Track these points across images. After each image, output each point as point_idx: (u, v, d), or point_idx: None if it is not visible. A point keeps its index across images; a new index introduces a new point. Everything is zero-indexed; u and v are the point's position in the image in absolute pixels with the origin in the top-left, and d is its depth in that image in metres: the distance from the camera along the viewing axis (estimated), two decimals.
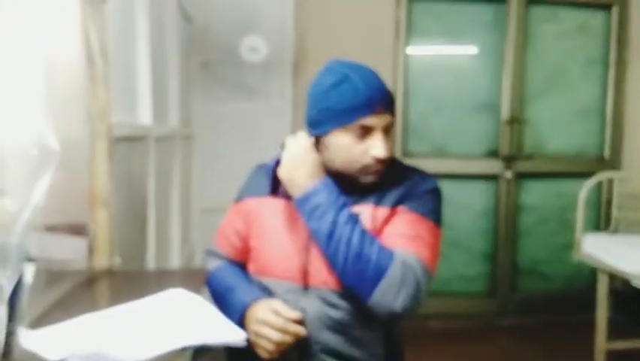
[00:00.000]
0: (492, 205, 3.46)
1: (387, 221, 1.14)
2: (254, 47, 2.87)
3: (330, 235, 1.06)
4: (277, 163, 1.16)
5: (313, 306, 1.14)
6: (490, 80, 3.39)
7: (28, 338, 0.91)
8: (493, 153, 3.41)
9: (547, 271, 3.54)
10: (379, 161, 1.11)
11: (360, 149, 1.11)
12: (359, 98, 1.08)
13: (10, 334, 0.84)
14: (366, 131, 1.10)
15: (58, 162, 0.83)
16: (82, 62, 1.22)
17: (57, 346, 0.89)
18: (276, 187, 1.18)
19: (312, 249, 1.14)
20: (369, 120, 1.09)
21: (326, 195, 1.09)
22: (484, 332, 3.28)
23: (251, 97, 3.08)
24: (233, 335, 1.02)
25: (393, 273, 1.03)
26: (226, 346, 1.08)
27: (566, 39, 3.44)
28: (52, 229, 1.17)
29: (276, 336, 1.08)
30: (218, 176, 3.05)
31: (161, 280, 1.50)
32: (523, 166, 3.40)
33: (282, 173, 1.13)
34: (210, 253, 1.34)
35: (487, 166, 3.40)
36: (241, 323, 1.12)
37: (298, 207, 1.11)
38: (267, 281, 1.19)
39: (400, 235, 1.10)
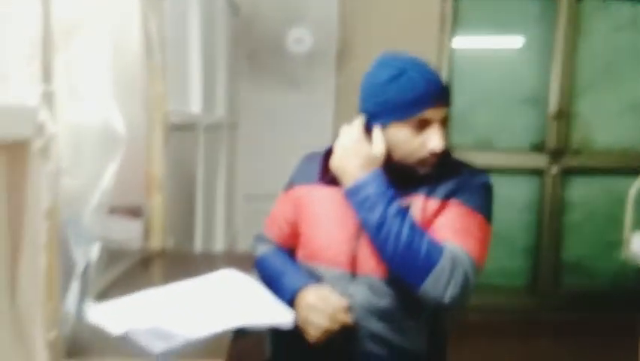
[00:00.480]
0: (536, 200, 3.40)
1: (437, 213, 1.15)
2: (299, 39, 2.91)
3: (380, 226, 1.08)
4: (328, 152, 1.19)
5: (361, 293, 1.16)
6: (537, 73, 3.32)
7: (93, 312, 0.98)
8: (539, 147, 3.34)
9: (593, 269, 3.46)
10: (435, 153, 1.12)
11: (417, 141, 1.12)
12: (418, 92, 1.09)
13: (79, 307, 0.91)
14: (424, 124, 1.11)
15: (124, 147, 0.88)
16: (142, 53, 1.28)
17: (119, 319, 0.96)
18: (326, 175, 1.20)
19: (362, 237, 1.16)
20: (428, 114, 1.10)
21: (376, 186, 1.10)
22: (523, 327, 3.24)
23: (295, 88, 3.12)
24: (282, 317, 1.06)
25: (442, 266, 1.05)
26: (272, 328, 1.13)
27: (617, 32, 3.33)
28: (112, 210, 1.24)
29: (325, 323, 1.11)
30: (260, 164, 3.11)
31: (210, 262, 1.55)
32: (570, 161, 3.33)
33: (334, 162, 1.16)
34: (259, 238, 1.38)
35: (533, 160, 3.34)
36: (290, 307, 1.16)
37: (348, 197, 1.13)
38: (316, 267, 1.22)
39: (450, 228, 1.11)
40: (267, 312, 1.06)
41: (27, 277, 0.73)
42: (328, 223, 1.21)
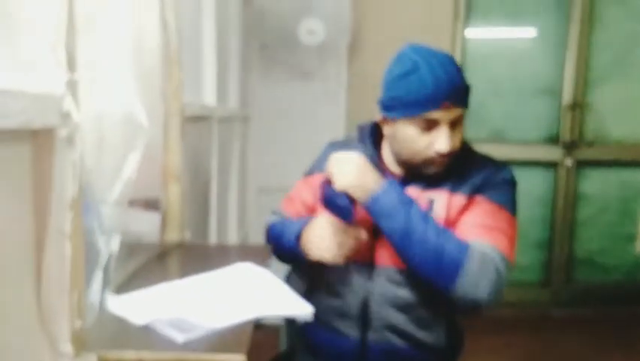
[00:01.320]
0: (550, 193, 3.37)
1: (463, 210, 1.14)
2: (311, 30, 2.89)
3: (405, 233, 1.05)
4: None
5: (379, 284, 1.16)
6: (551, 64, 3.28)
7: (115, 303, 0.98)
8: (553, 140, 3.31)
9: (606, 263, 3.43)
10: (443, 155, 1.10)
11: (424, 141, 1.10)
12: (425, 92, 1.06)
13: (101, 298, 0.91)
14: (431, 125, 1.08)
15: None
16: (160, 43, 1.27)
17: (141, 311, 0.95)
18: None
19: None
20: (435, 114, 1.07)
21: (396, 194, 1.08)
22: (536, 321, 3.23)
23: (307, 79, 3.11)
24: (301, 309, 1.05)
25: (471, 265, 1.03)
26: (290, 319, 1.12)
27: (633, 22, 3.28)
28: (130, 202, 1.23)
29: (338, 237, 1.10)
30: (273, 157, 3.10)
31: (226, 254, 1.55)
32: (585, 153, 3.29)
33: (346, 184, 1.10)
34: (274, 212, 1.38)
35: (547, 153, 3.31)
36: (299, 247, 1.16)
37: (370, 209, 1.10)
38: None
39: (479, 226, 1.10)
40: (286, 304, 1.06)
41: (52, 267, 0.72)
42: None
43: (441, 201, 1.13)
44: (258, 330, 1.05)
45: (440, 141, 1.08)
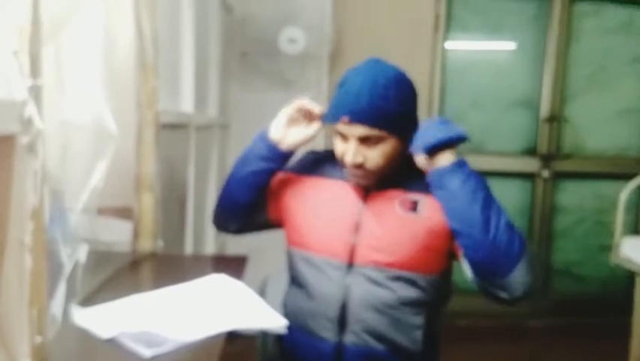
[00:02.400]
0: (527, 204, 3.40)
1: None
2: (292, 39, 2.88)
3: (486, 203, 1.10)
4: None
5: (358, 284, 1.16)
6: (529, 77, 3.33)
7: (80, 315, 0.95)
8: (530, 151, 3.35)
9: (583, 274, 3.47)
10: (355, 166, 1.14)
11: (340, 150, 1.16)
12: (336, 104, 1.14)
13: (65, 310, 0.87)
14: (344, 137, 1.14)
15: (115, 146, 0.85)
16: (134, 50, 1.25)
17: (108, 323, 0.93)
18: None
19: (362, 228, 1.17)
20: (339, 127, 1.13)
21: (469, 169, 1.15)
22: (513, 332, 3.24)
23: (287, 88, 3.09)
24: (274, 322, 1.04)
25: (529, 255, 1.09)
26: (264, 332, 1.11)
27: (609, 36, 3.34)
28: (101, 211, 1.20)
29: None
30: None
31: (200, 265, 1.53)
32: (562, 166, 3.34)
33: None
34: None
35: (525, 164, 3.35)
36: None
37: (448, 174, 1.13)
38: (311, 256, 1.21)
39: None
40: (260, 316, 1.04)
41: (11, 280, 0.69)
42: (328, 215, 1.21)
43: (425, 202, 1.16)
44: (234, 341, 1.03)
45: (346, 152, 1.14)
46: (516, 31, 3.33)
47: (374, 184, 1.19)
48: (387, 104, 1.10)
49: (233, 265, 1.34)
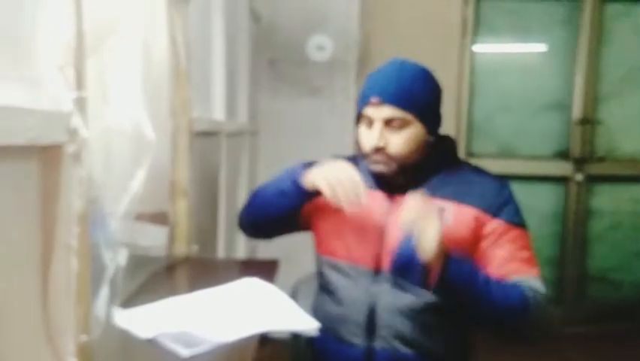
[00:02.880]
0: (560, 209, 3.34)
1: (477, 230, 1.16)
2: (320, 46, 2.91)
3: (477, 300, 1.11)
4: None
5: (386, 291, 1.17)
6: (560, 79, 3.28)
7: (121, 317, 0.98)
8: (563, 155, 3.29)
9: (619, 279, 3.38)
10: (376, 150, 1.14)
11: (365, 137, 1.17)
12: (364, 89, 1.17)
13: (108, 312, 0.91)
14: (371, 122, 1.15)
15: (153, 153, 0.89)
16: (168, 59, 1.29)
17: (147, 325, 0.96)
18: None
19: (387, 235, 1.18)
20: (368, 110, 1.15)
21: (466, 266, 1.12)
22: (548, 339, 3.18)
23: (315, 95, 3.12)
24: (306, 324, 1.05)
25: (530, 308, 1.11)
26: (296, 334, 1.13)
27: None
28: (138, 216, 1.24)
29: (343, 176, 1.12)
30: (280, 172, 3.10)
31: (233, 269, 1.56)
32: (595, 169, 3.27)
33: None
34: None
35: (557, 168, 3.29)
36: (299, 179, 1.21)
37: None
38: (338, 263, 1.22)
39: (517, 260, 1.15)
40: (292, 319, 1.06)
41: (58, 282, 0.73)
42: (354, 221, 1.21)
43: (448, 212, 1.16)
44: (265, 344, 1.05)
45: (371, 135, 1.15)
46: (546, 33, 3.28)
47: (398, 179, 1.19)
48: (416, 88, 1.14)
49: (264, 269, 1.36)
